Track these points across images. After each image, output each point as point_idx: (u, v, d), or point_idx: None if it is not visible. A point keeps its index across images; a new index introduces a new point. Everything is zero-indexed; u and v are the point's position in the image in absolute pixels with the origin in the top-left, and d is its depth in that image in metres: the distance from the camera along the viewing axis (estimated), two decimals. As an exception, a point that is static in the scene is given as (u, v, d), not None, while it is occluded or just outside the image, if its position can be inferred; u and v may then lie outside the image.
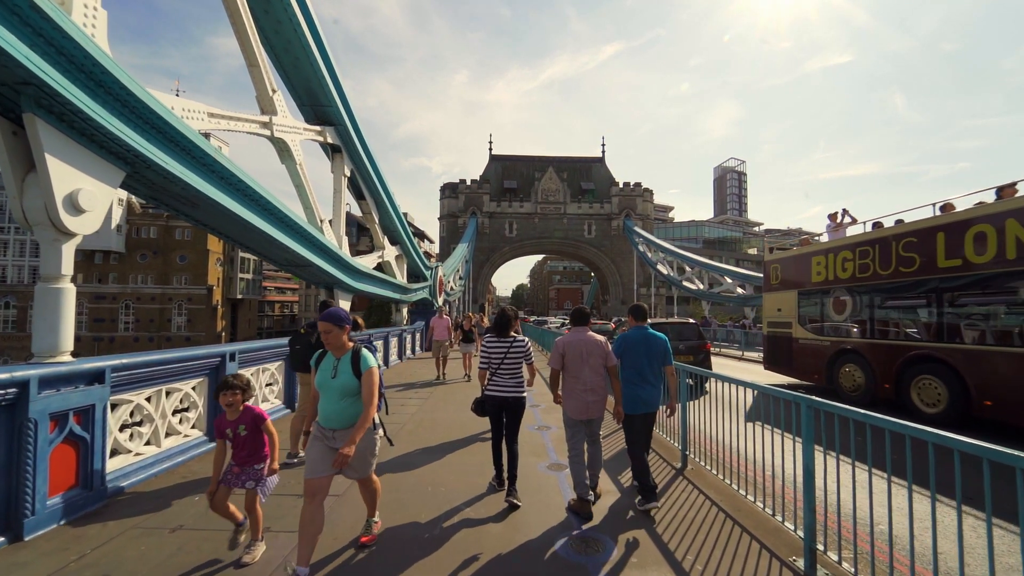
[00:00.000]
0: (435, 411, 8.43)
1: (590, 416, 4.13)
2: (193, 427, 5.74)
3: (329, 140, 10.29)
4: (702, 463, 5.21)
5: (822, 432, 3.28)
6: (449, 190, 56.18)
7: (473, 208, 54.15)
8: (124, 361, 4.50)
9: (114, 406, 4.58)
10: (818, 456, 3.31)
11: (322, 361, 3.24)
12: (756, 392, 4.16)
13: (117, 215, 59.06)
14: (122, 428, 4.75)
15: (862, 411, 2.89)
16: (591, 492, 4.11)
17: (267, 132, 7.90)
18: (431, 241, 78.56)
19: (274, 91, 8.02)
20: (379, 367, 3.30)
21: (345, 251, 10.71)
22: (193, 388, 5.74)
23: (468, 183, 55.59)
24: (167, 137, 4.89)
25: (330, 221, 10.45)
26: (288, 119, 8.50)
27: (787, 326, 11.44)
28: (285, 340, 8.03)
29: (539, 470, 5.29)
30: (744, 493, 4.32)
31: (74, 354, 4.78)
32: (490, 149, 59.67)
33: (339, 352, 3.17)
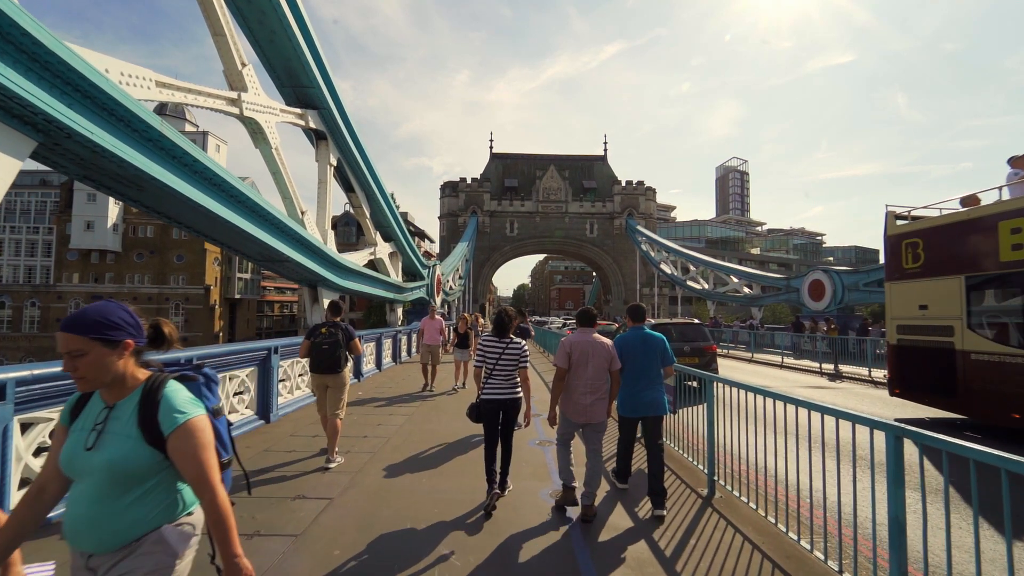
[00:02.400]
0: (421, 426, 7.64)
1: (588, 420, 4.04)
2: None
3: (312, 125, 9.42)
4: (733, 491, 4.40)
5: (922, 472, 2.47)
6: (449, 189, 55.43)
7: (474, 207, 53.39)
8: (36, 372, 3.70)
9: (26, 426, 3.79)
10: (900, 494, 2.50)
11: (80, 413, 1.59)
12: (803, 409, 3.36)
13: (114, 214, 58.42)
14: (38, 452, 3.95)
15: (990, 450, 2.07)
16: (575, 480, 4.10)
17: (235, 110, 7.03)
18: (431, 241, 77.78)
19: (244, 65, 7.16)
20: (214, 414, 1.70)
21: (331, 246, 9.90)
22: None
23: (468, 181, 54.84)
24: (98, 104, 4.10)
25: (310, 219, 9.60)
26: (261, 97, 7.64)
27: (944, 332, 7.70)
28: (258, 343, 7.35)
29: (541, 498, 4.48)
30: (796, 537, 3.49)
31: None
32: (491, 147, 58.95)
33: (115, 394, 1.56)
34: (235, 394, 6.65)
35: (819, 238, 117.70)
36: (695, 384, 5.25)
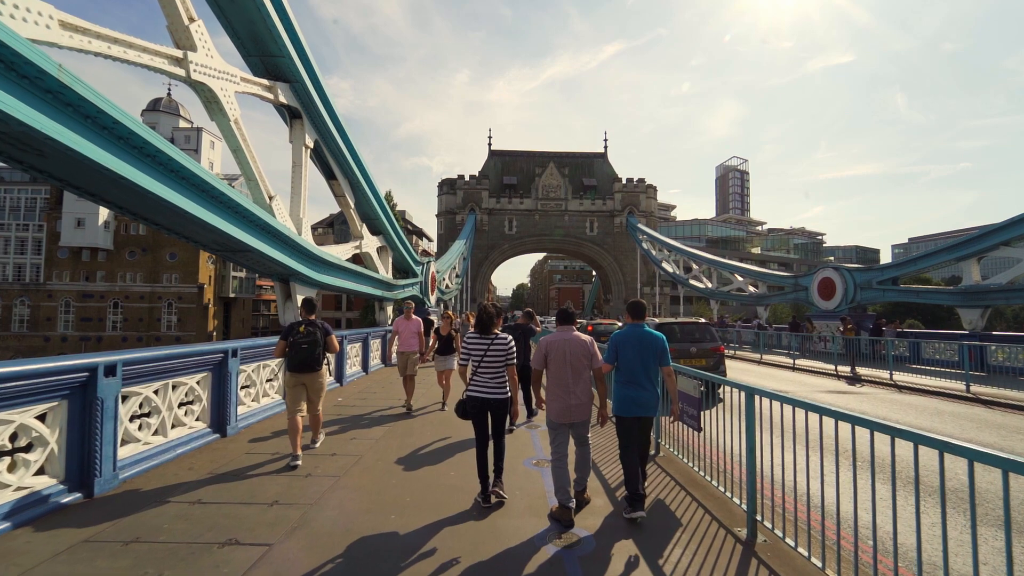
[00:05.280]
0: (402, 439, 6.70)
1: (573, 420, 4.01)
2: (38, 473, 3.99)
3: (283, 100, 8.38)
4: (786, 538, 3.45)
5: None
6: (447, 186, 54.43)
7: (472, 204, 52.41)
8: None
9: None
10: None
11: None
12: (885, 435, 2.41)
13: (105, 211, 57.34)
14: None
15: None
16: (573, 499, 3.92)
17: (180, 71, 5.99)
18: (429, 239, 76.74)
19: (192, 20, 6.08)
20: None
21: (306, 236, 8.90)
22: (39, 417, 3.98)
23: (467, 179, 53.86)
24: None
25: (279, 204, 8.44)
26: (216, 61, 6.57)
27: None
28: (213, 345, 6.43)
29: (535, 541, 3.53)
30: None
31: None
32: (489, 144, 57.92)
33: None
34: (181, 404, 5.70)
35: (819, 238, 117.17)
36: (701, 387, 4.80)
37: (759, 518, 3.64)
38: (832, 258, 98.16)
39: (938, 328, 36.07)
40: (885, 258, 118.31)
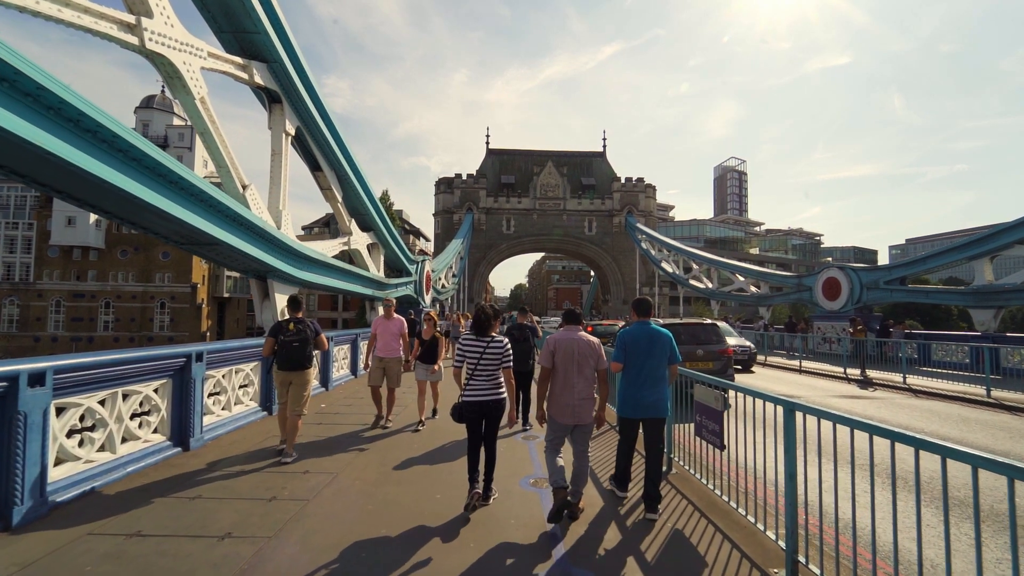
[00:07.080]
0: (385, 455, 6.08)
1: (577, 421, 3.95)
2: (-59, 503, 3.35)
3: (259, 81, 7.71)
4: (834, 583, 2.85)
5: None
6: (444, 185, 53.75)
7: (469, 204, 51.76)
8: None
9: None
10: None
11: None
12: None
13: (97, 210, 56.42)
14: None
15: None
16: (568, 482, 3.86)
17: (133, 39, 5.26)
18: (427, 239, 76.01)
19: None
20: None
21: (287, 230, 8.25)
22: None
23: (464, 178, 53.23)
24: None
25: (254, 194, 7.68)
26: (177, 31, 5.79)
27: None
28: (174, 348, 5.81)
29: (535, 590, 2.93)
30: None
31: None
32: (487, 142, 57.28)
33: None
34: (134, 416, 5.07)
35: (817, 238, 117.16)
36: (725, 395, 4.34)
37: (800, 558, 3.04)
38: (830, 259, 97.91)
39: (937, 329, 35.60)
40: (883, 259, 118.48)
